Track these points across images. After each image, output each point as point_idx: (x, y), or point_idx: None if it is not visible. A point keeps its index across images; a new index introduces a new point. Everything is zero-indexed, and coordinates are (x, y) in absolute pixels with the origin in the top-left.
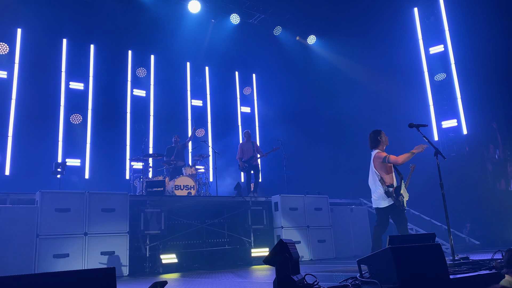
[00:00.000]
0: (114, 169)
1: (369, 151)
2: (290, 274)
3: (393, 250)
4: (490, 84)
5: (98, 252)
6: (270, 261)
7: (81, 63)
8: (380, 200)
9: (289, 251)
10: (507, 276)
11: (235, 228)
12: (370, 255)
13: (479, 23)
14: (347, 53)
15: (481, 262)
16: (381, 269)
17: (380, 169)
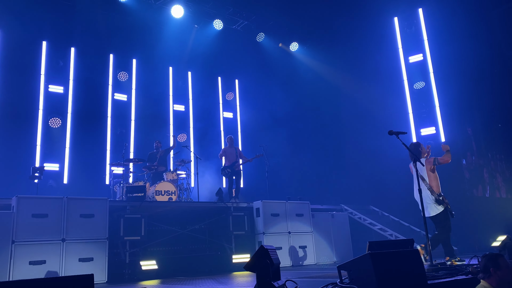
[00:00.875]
0: (93, 174)
1: (351, 158)
2: (270, 280)
3: (372, 256)
4: (467, 93)
5: (76, 259)
6: (251, 267)
7: (61, 66)
8: (431, 209)
9: (270, 257)
10: (483, 281)
11: (216, 234)
12: (350, 261)
13: (456, 33)
14: (329, 60)
15: (457, 267)
16: (360, 274)
17: (429, 178)
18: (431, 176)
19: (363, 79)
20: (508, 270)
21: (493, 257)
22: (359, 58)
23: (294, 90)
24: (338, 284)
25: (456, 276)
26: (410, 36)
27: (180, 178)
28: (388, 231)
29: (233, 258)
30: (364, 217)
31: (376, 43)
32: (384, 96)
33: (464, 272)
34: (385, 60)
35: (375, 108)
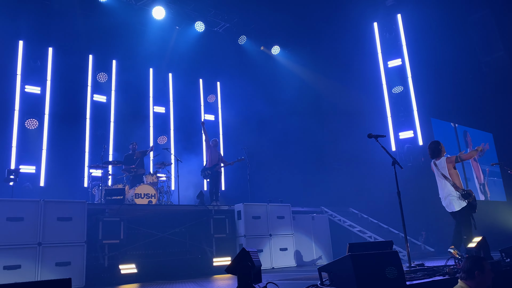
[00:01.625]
0: (71, 177)
1: (332, 161)
2: (252, 282)
3: (353, 258)
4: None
5: (53, 263)
6: (232, 270)
7: (38, 66)
8: (455, 204)
9: (251, 260)
10: (462, 282)
11: (197, 237)
12: (330, 262)
13: (434, 39)
14: (310, 64)
15: (435, 268)
16: (341, 276)
17: (452, 175)
18: (453, 173)
19: (343, 83)
20: (490, 274)
21: (479, 260)
22: (339, 62)
23: (275, 93)
24: (318, 286)
25: (433, 277)
26: (389, 41)
27: (160, 181)
28: (367, 233)
29: (214, 261)
30: (344, 219)
31: (356, 47)
32: (364, 100)
33: (441, 273)
34: (365, 64)
35: (355, 111)
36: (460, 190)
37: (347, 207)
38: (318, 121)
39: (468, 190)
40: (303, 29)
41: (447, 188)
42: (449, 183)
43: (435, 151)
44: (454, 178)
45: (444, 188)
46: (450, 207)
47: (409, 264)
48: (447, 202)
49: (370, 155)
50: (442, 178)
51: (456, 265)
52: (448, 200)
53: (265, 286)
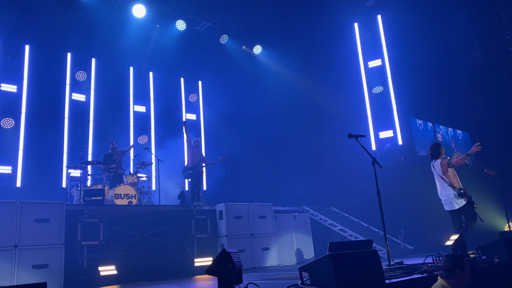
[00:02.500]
0: (49, 177)
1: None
2: (232, 284)
3: (333, 257)
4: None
5: (29, 266)
6: (213, 271)
7: (14, 64)
8: (453, 203)
9: (231, 261)
10: (443, 280)
11: (178, 238)
12: (311, 262)
13: (413, 39)
14: (291, 64)
15: (414, 266)
16: (321, 275)
17: (448, 175)
18: (449, 174)
19: (324, 83)
20: (469, 272)
21: (459, 258)
22: (321, 62)
23: (257, 93)
24: (299, 285)
25: (412, 275)
26: (369, 42)
27: (140, 181)
28: (348, 232)
29: (195, 262)
30: (325, 218)
31: (338, 48)
32: (345, 100)
33: (420, 271)
34: (346, 64)
35: (335, 111)
36: (457, 189)
37: (328, 206)
38: (300, 121)
39: (463, 189)
40: (285, 29)
41: (445, 189)
42: (446, 183)
43: (434, 153)
44: (450, 179)
45: (443, 189)
46: (450, 206)
47: (388, 262)
48: (448, 202)
49: (351, 155)
50: (440, 179)
51: (434, 263)
52: (449, 200)
53: (245, 286)
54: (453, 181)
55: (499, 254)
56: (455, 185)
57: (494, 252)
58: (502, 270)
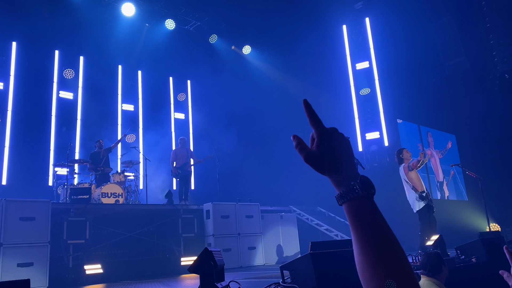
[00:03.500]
0: (35, 175)
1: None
2: (214, 281)
3: (313, 256)
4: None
5: (14, 264)
6: (195, 269)
7: (1, 61)
8: (415, 205)
9: (213, 259)
10: (431, 278)
11: (165, 237)
12: (292, 261)
13: (400, 42)
14: (279, 64)
15: None
16: (301, 274)
17: (410, 178)
18: (412, 177)
19: (312, 84)
20: (447, 266)
21: (439, 255)
22: (309, 63)
23: (245, 93)
24: (280, 283)
25: None
26: (357, 44)
27: (128, 180)
28: (334, 232)
29: (181, 261)
30: (311, 217)
31: (326, 49)
32: (332, 101)
33: None
34: (334, 66)
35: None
36: (418, 192)
37: (315, 206)
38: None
39: (425, 192)
40: (274, 30)
41: (409, 192)
42: (409, 187)
43: (397, 159)
44: (413, 182)
45: (408, 192)
46: (413, 208)
47: None
48: (412, 205)
49: None
50: (405, 183)
51: (414, 262)
52: (412, 202)
53: (227, 284)
54: (416, 184)
55: (477, 254)
56: (417, 188)
57: (472, 252)
58: (479, 269)
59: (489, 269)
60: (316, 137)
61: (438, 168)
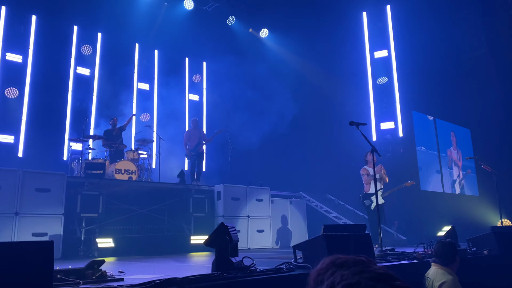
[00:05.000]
0: (51, 149)
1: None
2: (229, 255)
3: (326, 237)
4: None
5: (29, 234)
6: (210, 243)
7: (21, 34)
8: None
9: (229, 234)
10: (439, 266)
11: (175, 215)
12: (305, 241)
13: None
14: (297, 49)
15: (405, 253)
16: (314, 254)
17: (364, 181)
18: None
19: (329, 70)
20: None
21: (454, 245)
22: (326, 50)
23: (261, 76)
24: (292, 262)
25: (402, 260)
26: (377, 32)
27: (141, 158)
28: (342, 219)
29: (191, 239)
30: (321, 204)
31: (344, 36)
32: (348, 89)
33: (410, 257)
34: (352, 53)
35: (338, 99)
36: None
37: (324, 194)
38: (302, 106)
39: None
40: (293, 14)
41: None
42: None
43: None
44: (365, 184)
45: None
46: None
47: (380, 248)
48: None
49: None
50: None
51: (425, 251)
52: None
53: (241, 260)
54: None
55: (489, 247)
56: (364, 190)
57: (484, 244)
58: (491, 262)
59: (501, 262)
60: None
61: (459, 163)
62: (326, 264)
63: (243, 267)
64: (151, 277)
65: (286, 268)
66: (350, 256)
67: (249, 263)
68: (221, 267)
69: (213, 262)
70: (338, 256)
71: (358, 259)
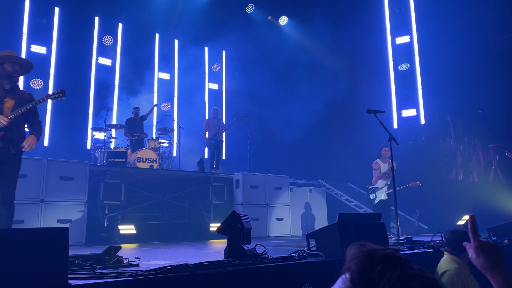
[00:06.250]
0: (74, 138)
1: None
2: (240, 243)
3: (339, 226)
4: (450, 77)
5: (54, 220)
6: (222, 230)
7: (44, 26)
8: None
9: (241, 222)
10: (450, 255)
11: (195, 203)
12: (318, 229)
13: (444, 17)
14: (317, 37)
15: (421, 242)
16: (327, 242)
17: (374, 175)
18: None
19: (349, 58)
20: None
21: (465, 234)
22: (347, 36)
23: (280, 65)
24: (305, 250)
25: (418, 249)
26: (398, 17)
27: (162, 147)
28: (363, 208)
29: (210, 227)
30: (341, 193)
31: (365, 22)
32: (369, 75)
33: (426, 246)
34: (372, 39)
35: (358, 86)
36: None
37: (345, 182)
38: (321, 94)
39: (368, 187)
40: (312, 0)
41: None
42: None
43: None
44: (374, 177)
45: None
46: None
47: (397, 237)
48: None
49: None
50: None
51: (442, 240)
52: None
53: (254, 247)
54: (373, 180)
55: (510, 236)
56: (372, 183)
57: (505, 234)
58: None
59: None
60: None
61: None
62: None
63: (255, 255)
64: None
65: (299, 256)
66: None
67: (262, 251)
68: (233, 254)
69: (226, 249)
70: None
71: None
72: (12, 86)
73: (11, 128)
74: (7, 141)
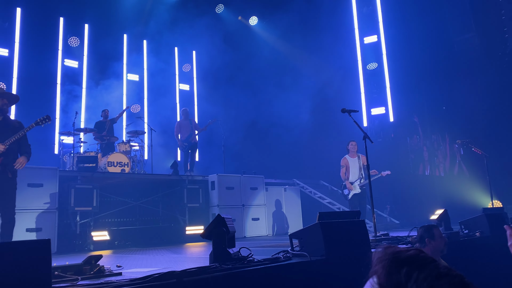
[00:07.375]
0: (41, 143)
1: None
2: (226, 247)
3: (322, 225)
4: (417, 76)
5: (23, 229)
6: (207, 235)
7: (5, 27)
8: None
9: (226, 226)
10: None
11: (170, 206)
12: (301, 229)
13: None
14: (286, 37)
15: (399, 238)
16: (310, 242)
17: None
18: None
19: (319, 57)
20: (441, 240)
21: (429, 228)
22: (317, 36)
23: (251, 64)
24: (289, 251)
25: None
26: (366, 17)
27: (133, 150)
28: (336, 205)
29: (186, 230)
30: (314, 191)
31: (334, 22)
32: (338, 75)
33: (404, 242)
34: (342, 39)
35: (328, 86)
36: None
37: (318, 180)
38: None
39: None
40: (281, 1)
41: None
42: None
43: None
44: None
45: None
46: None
47: (374, 233)
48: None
49: (342, 130)
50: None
51: None
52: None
53: (238, 250)
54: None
55: (481, 229)
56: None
57: (476, 226)
58: (483, 243)
59: (493, 243)
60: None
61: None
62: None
63: (240, 258)
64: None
65: (284, 257)
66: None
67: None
68: (219, 258)
69: (211, 254)
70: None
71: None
72: (3, 117)
73: (8, 154)
74: (5, 165)
